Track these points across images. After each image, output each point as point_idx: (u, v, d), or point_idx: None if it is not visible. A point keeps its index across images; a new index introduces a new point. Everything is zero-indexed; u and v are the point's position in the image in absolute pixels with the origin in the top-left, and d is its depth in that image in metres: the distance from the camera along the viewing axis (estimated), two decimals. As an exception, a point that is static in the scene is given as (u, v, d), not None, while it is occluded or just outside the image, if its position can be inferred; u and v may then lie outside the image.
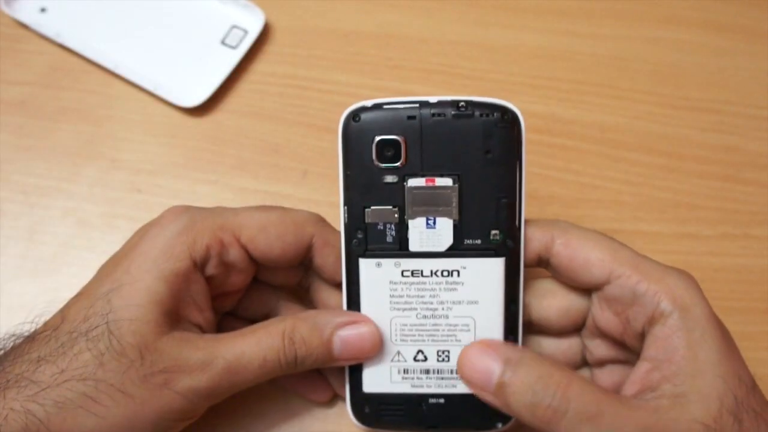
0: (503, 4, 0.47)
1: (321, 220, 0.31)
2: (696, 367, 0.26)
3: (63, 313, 0.28)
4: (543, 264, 0.30)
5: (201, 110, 0.42)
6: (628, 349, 0.29)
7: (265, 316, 0.33)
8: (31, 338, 0.27)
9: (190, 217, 0.29)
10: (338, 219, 0.29)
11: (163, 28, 0.45)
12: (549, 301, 0.30)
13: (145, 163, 0.41)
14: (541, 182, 0.41)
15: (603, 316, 0.29)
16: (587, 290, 0.30)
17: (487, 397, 0.27)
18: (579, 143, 0.43)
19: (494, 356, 0.27)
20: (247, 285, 0.32)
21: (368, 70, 0.44)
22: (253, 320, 0.33)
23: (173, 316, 0.28)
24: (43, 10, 0.45)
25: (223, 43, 0.44)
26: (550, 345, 0.31)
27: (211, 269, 0.29)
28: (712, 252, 0.39)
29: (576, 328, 0.31)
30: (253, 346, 0.28)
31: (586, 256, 0.28)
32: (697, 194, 0.41)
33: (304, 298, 0.34)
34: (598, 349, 0.30)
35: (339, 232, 0.30)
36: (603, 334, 0.30)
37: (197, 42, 0.44)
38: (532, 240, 0.29)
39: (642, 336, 0.28)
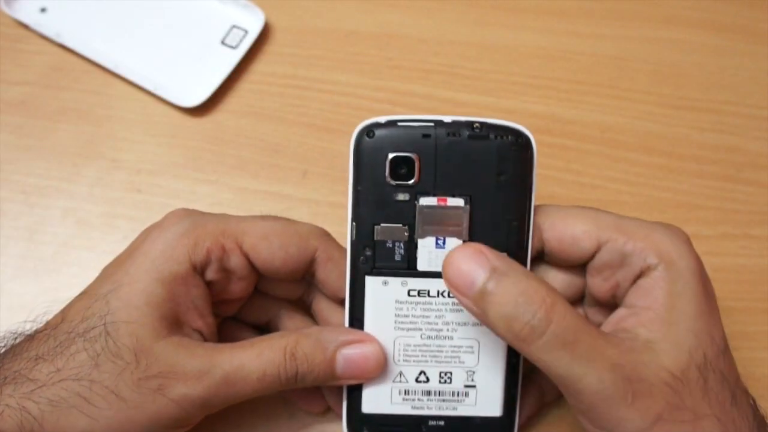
0: (503, 4, 0.47)
1: (326, 235, 0.31)
2: (672, 317, 0.26)
3: (63, 313, 0.28)
4: (540, 254, 0.30)
5: (201, 110, 0.42)
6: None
7: (267, 324, 0.33)
8: (32, 337, 0.27)
9: (192, 221, 0.29)
10: (339, 219, 0.29)
11: (163, 28, 0.45)
12: (551, 277, 0.30)
13: (145, 163, 0.41)
14: (541, 182, 0.41)
15: (594, 283, 0.29)
16: (583, 265, 0.30)
17: (467, 303, 0.26)
18: (579, 143, 0.43)
19: (482, 261, 0.25)
20: (249, 293, 0.32)
21: (368, 70, 0.44)
22: (255, 326, 0.33)
23: (171, 320, 0.28)
24: (43, 10, 0.45)
25: (223, 43, 0.44)
26: None
27: (210, 274, 0.29)
28: (712, 252, 0.39)
29: (578, 298, 0.31)
30: (253, 359, 0.27)
31: (571, 232, 0.28)
32: (697, 194, 0.41)
33: (307, 307, 0.34)
34: (596, 317, 0.30)
35: (343, 248, 0.30)
36: (597, 302, 0.30)
37: (197, 42, 0.44)
38: None
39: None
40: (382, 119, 0.28)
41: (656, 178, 0.42)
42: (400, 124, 0.28)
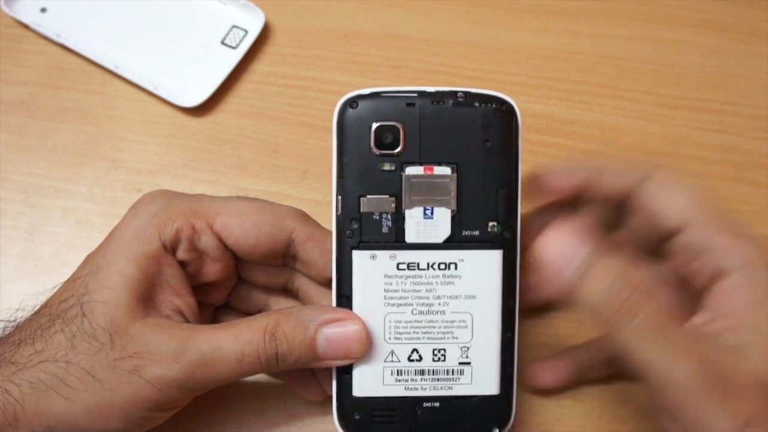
0: (503, 4, 0.47)
1: (303, 215, 0.30)
2: (759, 322, 0.25)
3: (47, 298, 0.28)
4: (621, 206, 0.30)
5: (201, 110, 0.42)
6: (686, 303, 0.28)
7: (260, 311, 0.32)
8: (17, 324, 0.28)
9: (165, 201, 0.29)
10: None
11: (163, 28, 0.45)
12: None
13: (145, 163, 0.41)
14: (541, 182, 0.41)
15: (672, 263, 0.29)
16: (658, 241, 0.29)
17: (558, 282, 0.25)
18: (579, 143, 0.42)
19: (582, 241, 0.25)
20: (231, 277, 0.31)
21: (368, 70, 0.44)
22: (249, 314, 0.33)
23: (148, 300, 0.28)
24: (43, 10, 0.45)
25: (223, 43, 0.44)
26: None
27: (181, 254, 0.29)
28: (712, 252, 0.39)
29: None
30: (230, 340, 0.27)
31: (666, 200, 0.28)
32: (697, 194, 0.41)
33: (295, 295, 0.33)
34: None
35: (323, 228, 0.30)
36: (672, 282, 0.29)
37: (197, 42, 0.44)
38: (618, 182, 0.29)
39: (704, 289, 0.27)
40: (366, 91, 0.28)
41: (656, 178, 0.42)
42: (383, 94, 0.28)
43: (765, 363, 0.24)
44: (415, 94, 0.27)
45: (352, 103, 0.28)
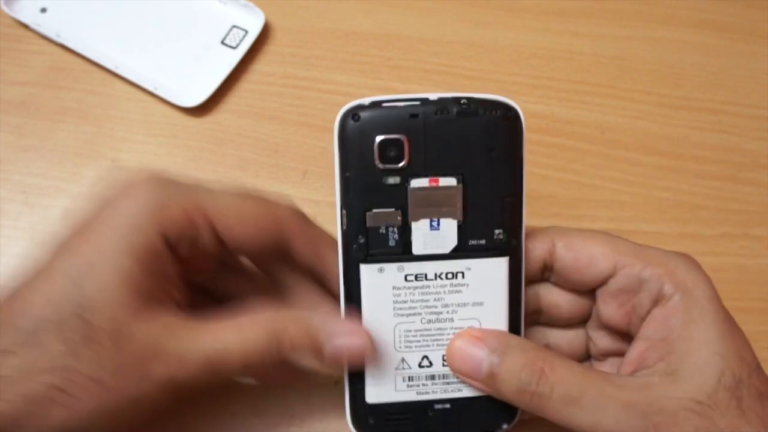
0: (503, 4, 0.47)
1: (301, 217, 0.30)
2: (691, 345, 0.26)
3: (20, 295, 0.26)
4: (548, 270, 0.30)
5: (201, 110, 0.42)
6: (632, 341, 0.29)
7: (245, 294, 0.32)
8: None
9: (164, 193, 0.28)
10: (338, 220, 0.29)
11: (163, 28, 0.45)
12: (555, 296, 0.31)
13: (145, 163, 0.41)
14: (541, 182, 0.41)
15: (608, 309, 0.29)
16: (592, 290, 0.30)
17: (479, 386, 0.28)
18: (579, 143, 0.43)
19: (482, 346, 0.27)
20: (217, 264, 0.31)
21: (368, 70, 0.44)
22: (232, 295, 0.32)
23: (147, 297, 0.26)
24: (43, 10, 0.45)
25: (223, 43, 0.44)
26: (555, 336, 0.32)
27: (181, 249, 0.28)
28: (712, 252, 0.40)
29: (583, 319, 0.31)
30: (235, 343, 0.26)
31: (589, 252, 0.28)
32: (697, 194, 0.41)
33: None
34: (602, 341, 0.30)
35: (317, 227, 0.30)
36: (608, 327, 0.30)
37: (197, 42, 0.44)
38: (535, 249, 0.29)
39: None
40: (366, 101, 0.27)
41: (656, 178, 0.42)
42: (385, 105, 0.27)
43: (696, 384, 0.25)
44: (418, 103, 0.27)
45: (353, 115, 0.27)
